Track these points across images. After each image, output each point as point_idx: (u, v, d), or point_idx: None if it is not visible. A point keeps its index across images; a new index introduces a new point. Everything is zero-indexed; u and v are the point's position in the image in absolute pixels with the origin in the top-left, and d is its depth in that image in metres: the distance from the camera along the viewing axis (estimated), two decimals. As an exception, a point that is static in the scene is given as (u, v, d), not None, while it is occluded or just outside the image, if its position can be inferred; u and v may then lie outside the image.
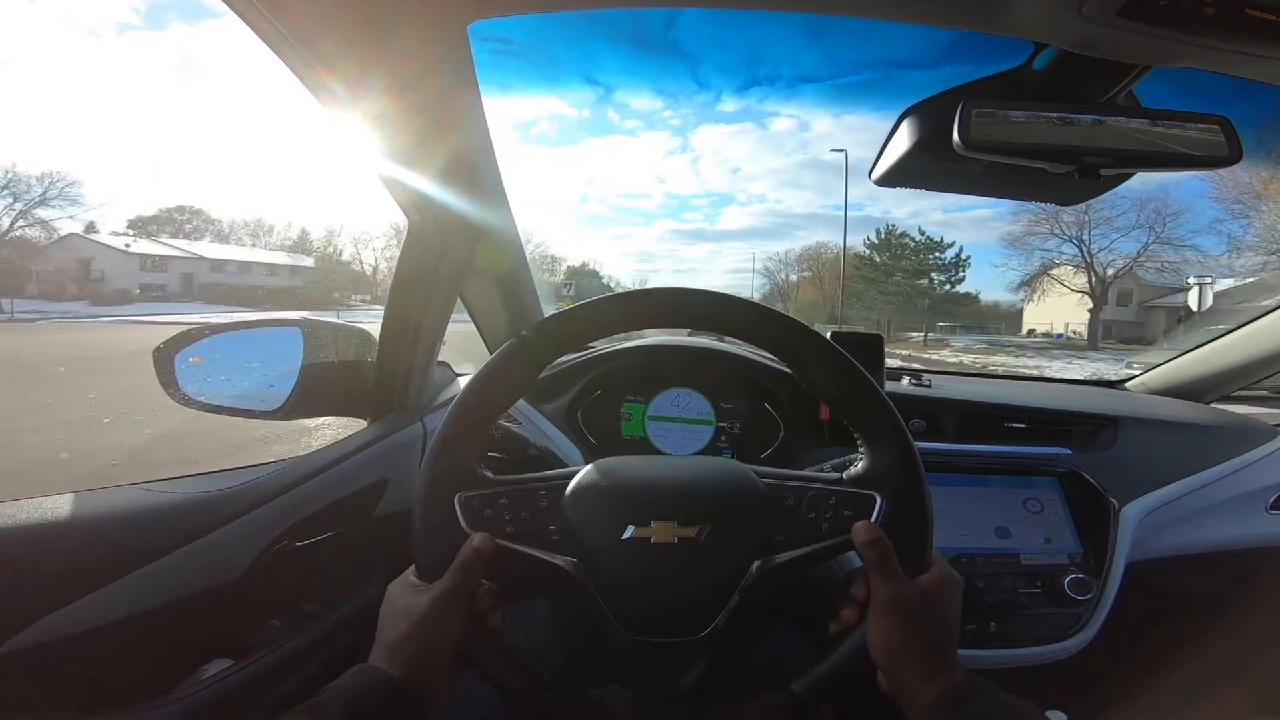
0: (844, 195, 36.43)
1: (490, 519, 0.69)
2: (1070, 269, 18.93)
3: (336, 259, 25.65)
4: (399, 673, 0.60)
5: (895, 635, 0.63)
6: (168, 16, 59.33)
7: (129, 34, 54.87)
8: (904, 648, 0.62)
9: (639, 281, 37.72)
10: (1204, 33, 0.62)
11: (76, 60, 36.22)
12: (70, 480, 1.63)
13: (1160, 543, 1.27)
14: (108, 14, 39.60)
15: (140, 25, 51.65)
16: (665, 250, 49.08)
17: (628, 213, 60.08)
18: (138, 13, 54.51)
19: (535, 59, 0.75)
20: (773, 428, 1.43)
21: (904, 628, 0.63)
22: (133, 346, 6.77)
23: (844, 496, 0.69)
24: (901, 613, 0.63)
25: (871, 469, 0.69)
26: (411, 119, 0.82)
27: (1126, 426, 1.40)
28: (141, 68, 53.40)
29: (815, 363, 0.70)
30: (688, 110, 58.95)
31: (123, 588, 0.70)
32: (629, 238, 54.43)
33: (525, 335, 0.70)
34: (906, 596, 0.63)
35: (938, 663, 0.62)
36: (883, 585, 0.63)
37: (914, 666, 0.62)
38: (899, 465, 0.68)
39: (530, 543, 0.69)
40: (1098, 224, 17.45)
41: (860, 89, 2.89)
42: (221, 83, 55.10)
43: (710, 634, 0.66)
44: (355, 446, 0.98)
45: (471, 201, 1.00)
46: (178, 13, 59.40)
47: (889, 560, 0.64)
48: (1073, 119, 0.75)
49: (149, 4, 56.07)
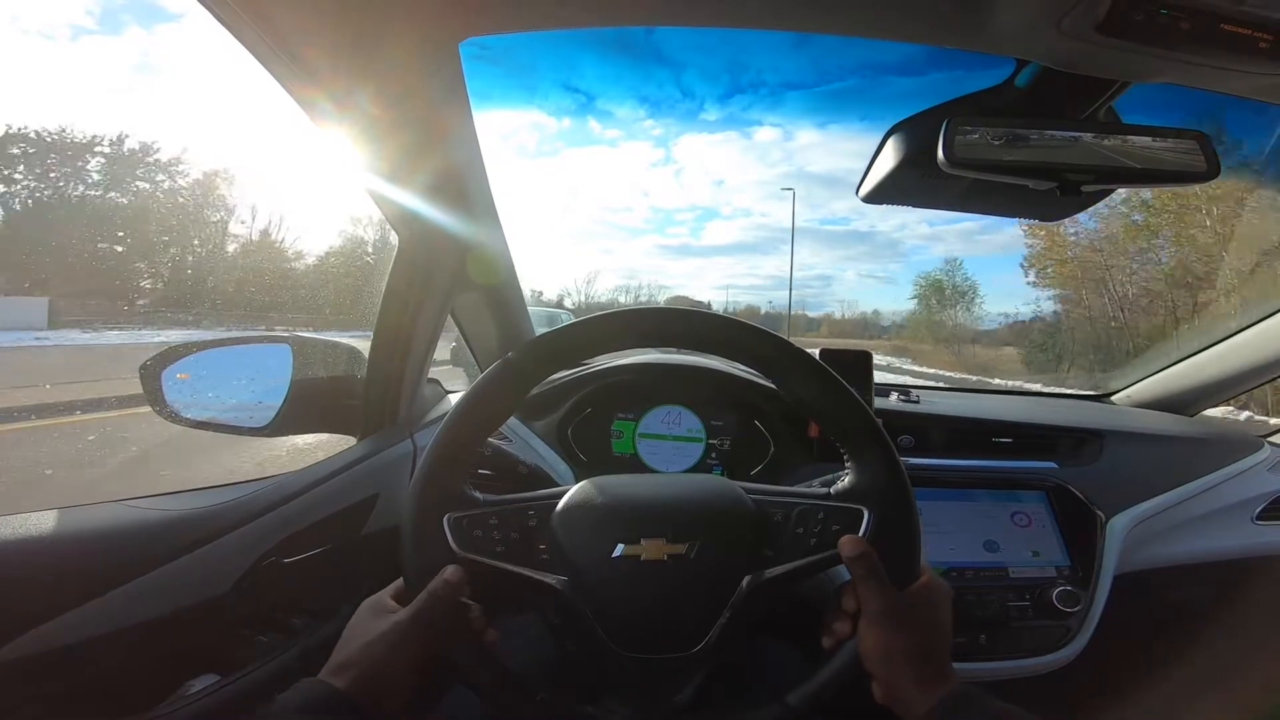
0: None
1: (480, 539, 0.69)
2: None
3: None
4: (347, 687, 0.60)
5: (888, 645, 0.63)
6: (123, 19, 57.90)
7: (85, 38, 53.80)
8: (897, 657, 0.62)
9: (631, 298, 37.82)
10: (1181, 48, 0.64)
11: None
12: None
13: (1148, 554, 1.28)
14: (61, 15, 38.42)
15: (96, 29, 50.45)
16: (652, 266, 49.06)
17: (612, 228, 60.16)
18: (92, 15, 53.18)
19: (512, 68, 0.75)
20: (762, 444, 1.43)
21: (896, 637, 0.63)
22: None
23: (831, 511, 0.69)
24: (893, 622, 0.63)
25: (858, 483, 0.70)
26: (403, 135, 0.82)
27: (1112, 440, 1.41)
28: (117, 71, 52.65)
29: (799, 379, 0.71)
30: (670, 119, 59.23)
31: (108, 603, 0.70)
32: (613, 252, 54.33)
33: (511, 357, 0.71)
34: (897, 606, 0.64)
35: (931, 672, 0.62)
36: (872, 596, 0.64)
37: (908, 676, 0.62)
38: (885, 478, 0.68)
39: (520, 562, 0.69)
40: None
41: (845, 96, 2.94)
42: (189, 90, 54.43)
43: (703, 650, 0.66)
44: (345, 463, 0.98)
45: (462, 218, 1.01)
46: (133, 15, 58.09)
47: (876, 572, 0.64)
48: (1054, 136, 0.77)
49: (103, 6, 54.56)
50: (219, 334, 0.94)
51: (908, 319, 25.39)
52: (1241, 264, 3.34)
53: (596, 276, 39.88)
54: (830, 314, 34.60)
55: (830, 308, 36.32)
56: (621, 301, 38.02)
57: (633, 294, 39.51)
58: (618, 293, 38.61)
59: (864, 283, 57.31)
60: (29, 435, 3.12)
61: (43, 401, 3.40)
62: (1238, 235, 5.09)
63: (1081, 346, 14.36)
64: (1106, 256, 13.16)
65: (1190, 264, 9.88)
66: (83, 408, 3.40)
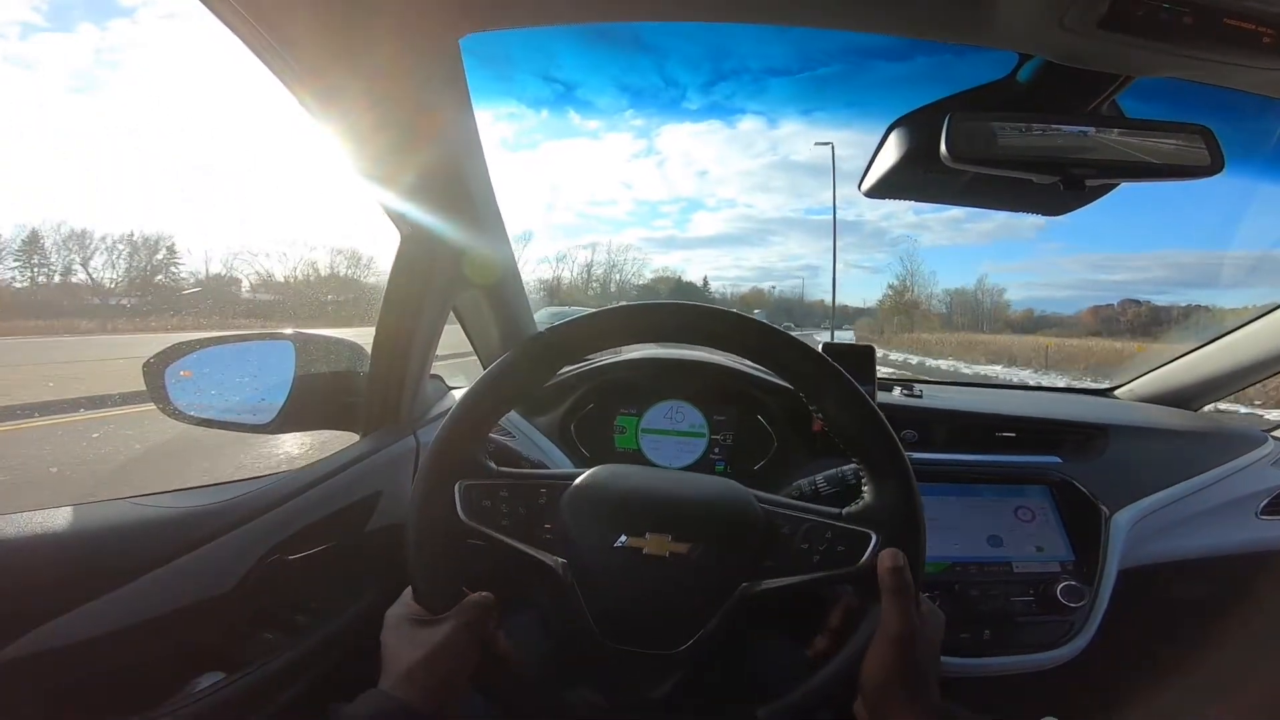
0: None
1: (487, 509, 0.70)
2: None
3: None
4: (412, 699, 0.61)
5: (890, 667, 0.62)
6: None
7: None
8: (895, 680, 0.62)
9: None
10: (1184, 43, 0.63)
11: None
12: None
13: (1152, 549, 1.28)
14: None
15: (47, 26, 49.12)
16: (638, 259, 48.79)
17: (597, 221, 60.03)
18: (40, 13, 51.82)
19: (487, 59, 0.75)
20: (765, 439, 1.43)
21: (899, 660, 0.62)
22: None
23: (840, 532, 0.69)
24: (904, 645, 0.62)
25: (872, 507, 0.69)
26: (404, 131, 0.82)
27: (1116, 434, 1.41)
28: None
29: (831, 396, 0.69)
30: (652, 109, 59.03)
31: (113, 601, 0.70)
32: (597, 246, 54.28)
33: (546, 333, 0.72)
34: (914, 630, 0.63)
35: (920, 696, 0.61)
36: (896, 617, 0.62)
37: (900, 699, 0.61)
38: (901, 506, 0.68)
39: (523, 538, 0.70)
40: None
41: (829, 82, 2.91)
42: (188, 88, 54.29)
43: (685, 650, 0.66)
44: (348, 460, 0.98)
45: (463, 213, 1.00)
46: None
47: (907, 591, 0.63)
48: (1057, 130, 0.76)
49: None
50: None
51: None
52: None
53: (581, 269, 39.58)
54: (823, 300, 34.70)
55: (820, 297, 36.59)
56: (611, 292, 38.05)
57: (618, 286, 39.48)
58: (603, 284, 38.66)
59: (851, 273, 57.24)
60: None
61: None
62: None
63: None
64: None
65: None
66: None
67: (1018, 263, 54.81)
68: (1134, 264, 49.22)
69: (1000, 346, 21.02)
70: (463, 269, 1.10)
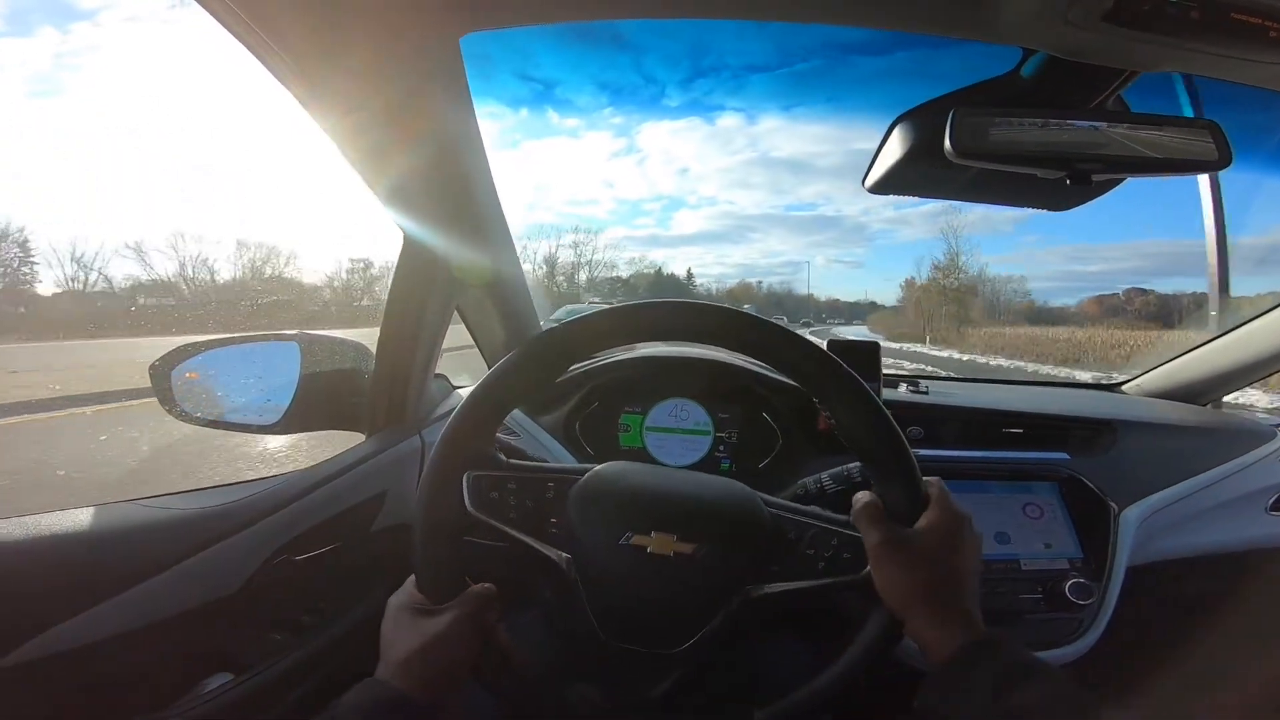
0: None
1: (495, 501, 0.70)
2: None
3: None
4: (409, 688, 0.60)
5: (898, 581, 0.62)
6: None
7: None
8: (910, 593, 0.61)
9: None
10: (1190, 37, 0.63)
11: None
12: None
13: (1161, 546, 1.27)
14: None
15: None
16: (620, 258, 48.54)
17: (578, 219, 59.89)
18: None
19: (469, 58, 0.75)
20: (770, 437, 1.42)
21: (905, 572, 0.62)
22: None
23: (846, 540, 0.68)
24: (899, 556, 0.62)
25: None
26: (405, 131, 0.82)
27: (1124, 430, 1.40)
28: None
29: (844, 404, 0.68)
30: (631, 106, 58.83)
31: (121, 603, 0.70)
32: (579, 245, 54.20)
33: (560, 328, 0.71)
34: (897, 538, 0.63)
35: (951, 615, 0.60)
36: (870, 531, 0.64)
37: (924, 614, 0.61)
38: (906, 507, 0.67)
39: (529, 531, 0.70)
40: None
41: (808, 77, 2.89)
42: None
43: (685, 651, 0.66)
44: (353, 460, 0.98)
45: (466, 213, 1.00)
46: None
47: (873, 512, 0.65)
48: (1062, 125, 0.76)
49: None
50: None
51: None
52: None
53: (564, 270, 39.55)
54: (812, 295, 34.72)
55: (807, 292, 36.68)
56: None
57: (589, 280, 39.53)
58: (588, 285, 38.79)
59: (832, 268, 57.09)
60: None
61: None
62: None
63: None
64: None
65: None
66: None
67: (998, 256, 54.73)
68: (1108, 254, 49.38)
69: (1075, 341, 20.68)
70: (465, 268, 1.11)
